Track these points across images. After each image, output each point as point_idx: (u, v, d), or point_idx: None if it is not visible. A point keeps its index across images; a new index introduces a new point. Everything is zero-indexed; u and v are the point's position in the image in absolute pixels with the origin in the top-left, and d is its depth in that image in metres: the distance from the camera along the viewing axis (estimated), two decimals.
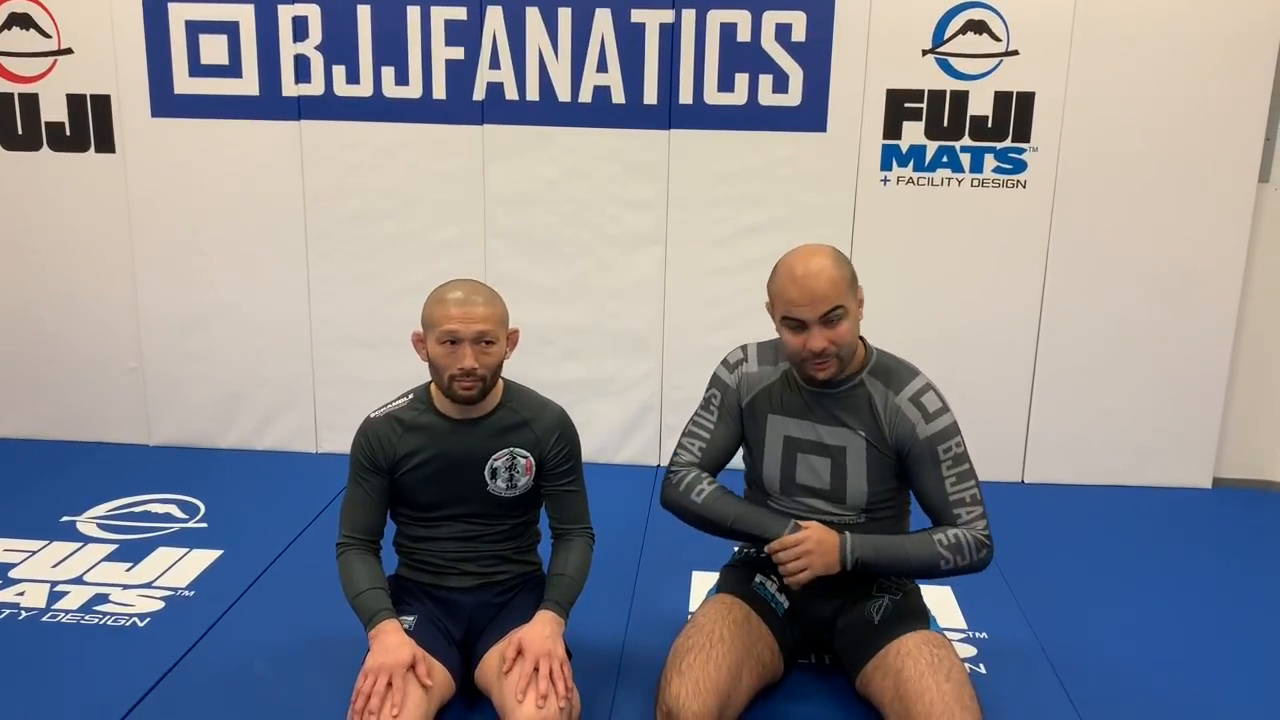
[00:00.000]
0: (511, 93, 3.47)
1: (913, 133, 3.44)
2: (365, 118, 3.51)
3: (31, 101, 3.60)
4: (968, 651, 2.46)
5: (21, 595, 2.65)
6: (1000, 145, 3.43)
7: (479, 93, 3.49)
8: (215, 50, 3.49)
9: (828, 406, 2.09)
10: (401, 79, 3.48)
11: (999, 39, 3.35)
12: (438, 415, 2.10)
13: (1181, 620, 2.69)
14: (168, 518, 3.19)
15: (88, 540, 3.00)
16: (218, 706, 2.19)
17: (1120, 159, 3.42)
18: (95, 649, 2.40)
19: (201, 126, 3.56)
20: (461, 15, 3.43)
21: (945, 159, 3.46)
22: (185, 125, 3.56)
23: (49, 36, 3.54)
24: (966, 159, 3.45)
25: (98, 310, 3.76)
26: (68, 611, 2.57)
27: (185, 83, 3.52)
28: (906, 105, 3.42)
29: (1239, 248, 3.48)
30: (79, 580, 2.75)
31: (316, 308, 3.71)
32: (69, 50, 3.55)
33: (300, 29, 3.46)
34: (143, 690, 2.21)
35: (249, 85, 3.51)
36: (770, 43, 3.38)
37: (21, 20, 3.53)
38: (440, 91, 3.49)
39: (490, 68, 3.46)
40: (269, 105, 3.52)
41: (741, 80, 3.41)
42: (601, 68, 3.43)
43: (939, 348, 3.19)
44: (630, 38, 3.40)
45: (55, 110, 3.60)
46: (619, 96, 3.45)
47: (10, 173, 3.66)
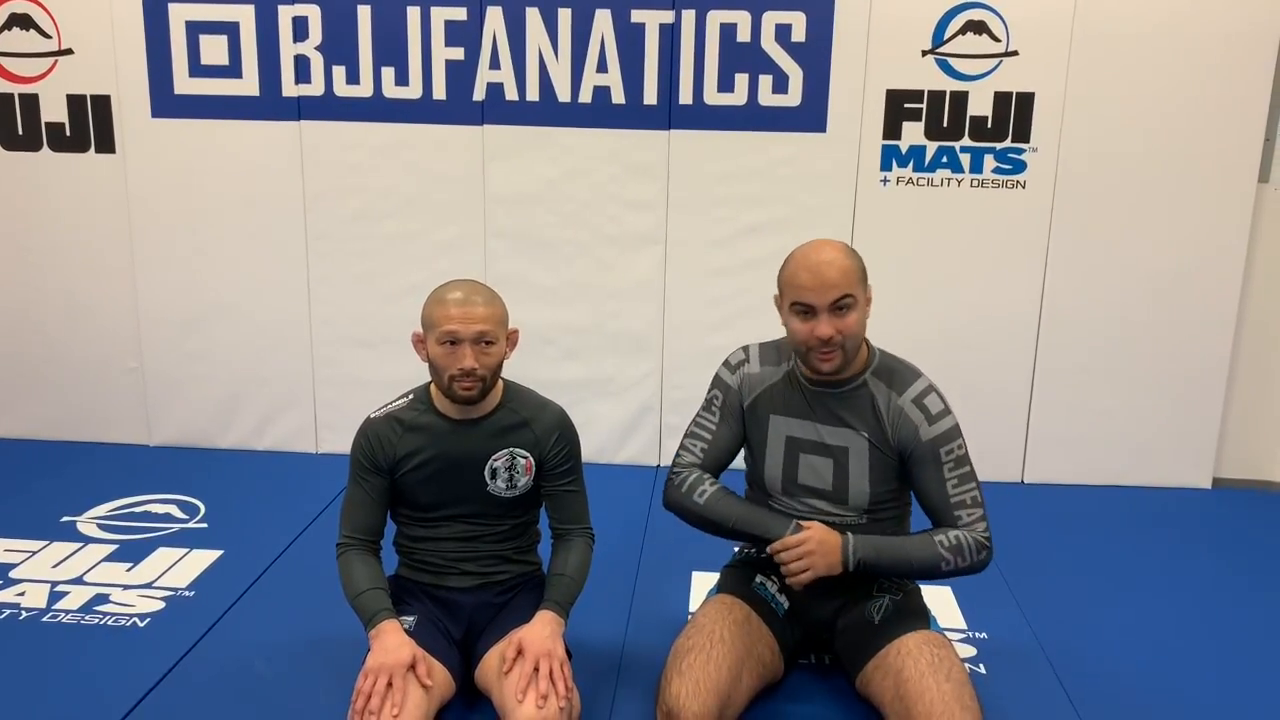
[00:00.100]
0: (511, 93, 3.48)
1: (912, 133, 3.45)
2: (365, 118, 3.52)
3: (32, 102, 3.60)
4: (968, 651, 2.46)
5: (22, 595, 2.65)
6: (1000, 146, 3.43)
7: (479, 93, 3.49)
8: (215, 51, 3.49)
9: (830, 407, 2.09)
10: (401, 79, 3.48)
11: (999, 39, 3.35)
12: (438, 415, 2.10)
13: (1181, 620, 2.69)
14: (168, 518, 3.19)
15: (88, 540, 3.01)
16: (218, 707, 2.19)
17: (1120, 159, 3.42)
18: (95, 649, 2.40)
19: (202, 127, 3.56)
20: (461, 16, 3.43)
21: (945, 159, 3.46)
22: (185, 126, 3.56)
23: (49, 37, 3.55)
24: (966, 159, 3.45)
25: (98, 310, 3.76)
26: (68, 612, 2.57)
27: (185, 83, 3.53)
28: (906, 105, 3.43)
29: (1239, 247, 3.48)
30: (79, 580, 2.75)
31: (316, 308, 3.71)
32: (69, 51, 3.55)
33: (300, 29, 3.46)
34: (143, 690, 2.22)
35: (249, 86, 3.51)
36: (770, 43, 3.38)
37: (22, 21, 3.53)
38: (440, 92, 3.49)
39: (490, 68, 3.46)
40: (269, 106, 3.52)
41: (741, 80, 3.42)
42: (601, 68, 3.44)
43: (939, 348, 3.18)
44: (630, 38, 3.41)
45: (55, 111, 3.60)
46: (619, 97, 3.45)
47: (10, 173, 3.66)
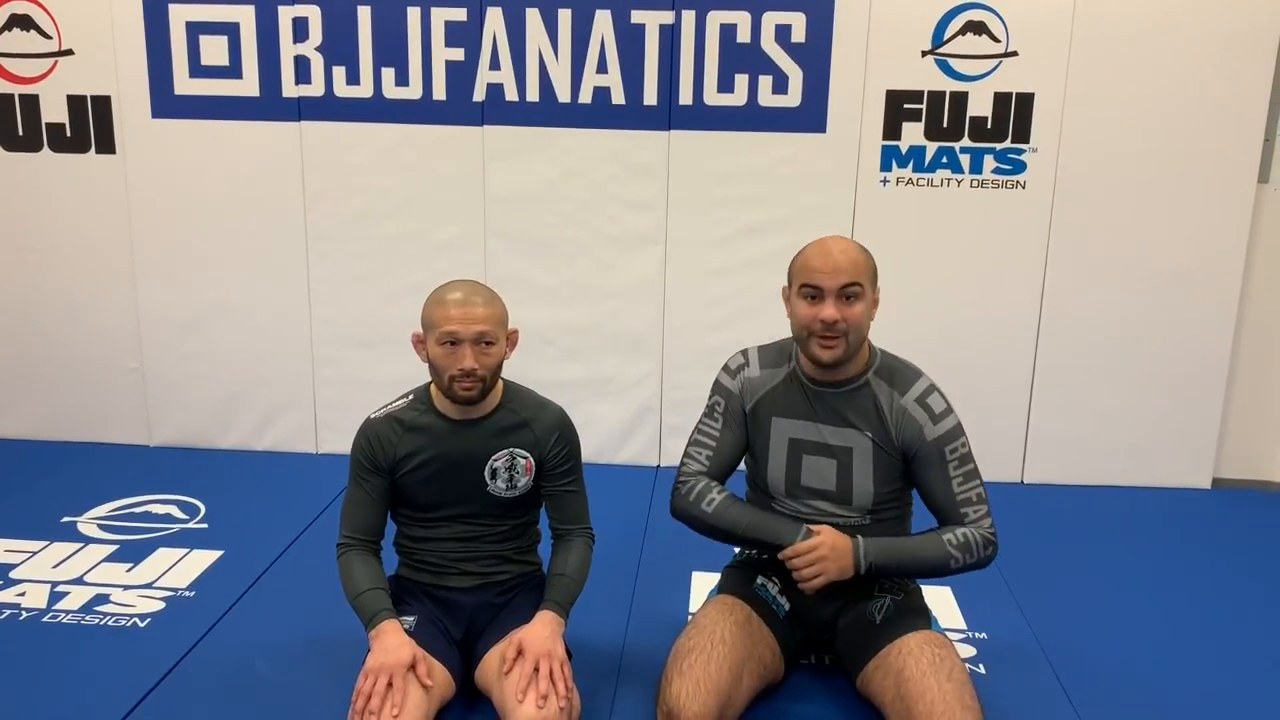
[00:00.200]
0: (511, 93, 3.48)
1: (912, 133, 3.45)
2: (365, 119, 3.52)
3: (32, 102, 3.60)
4: (968, 651, 2.46)
5: (22, 596, 2.65)
6: (1000, 146, 3.43)
7: (479, 94, 3.49)
8: (215, 51, 3.49)
9: (834, 407, 2.09)
10: (402, 80, 3.48)
11: (998, 40, 3.35)
12: (438, 416, 2.10)
13: (1181, 620, 2.69)
14: (168, 518, 3.19)
15: (88, 541, 3.01)
16: (218, 707, 2.19)
17: (1120, 159, 3.42)
18: (96, 649, 2.40)
19: (202, 127, 3.56)
20: (462, 16, 3.43)
21: (945, 160, 3.46)
22: (186, 126, 3.56)
23: (49, 38, 3.55)
24: (966, 160, 3.45)
25: (98, 311, 3.76)
26: (68, 612, 2.57)
27: (186, 84, 3.53)
28: (906, 106, 3.43)
29: (1238, 248, 3.48)
30: (79, 581, 2.75)
31: (316, 308, 3.71)
32: (69, 51, 3.55)
33: (300, 30, 3.46)
34: (143, 691, 2.22)
35: (249, 86, 3.51)
36: (770, 44, 3.38)
37: (22, 21, 3.53)
38: (440, 92, 3.49)
39: (490, 69, 3.46)
40: (269, 106, 3.53)
41: (741, 81, 3.42)
42: (601, 69, 3.44)
43: (939, 348, 3.17)
44: (630, 39, 3.41)
45: (56, 111, 3.60)
46: (619, 97, 3.45)
47: (11, 174, 3.66)
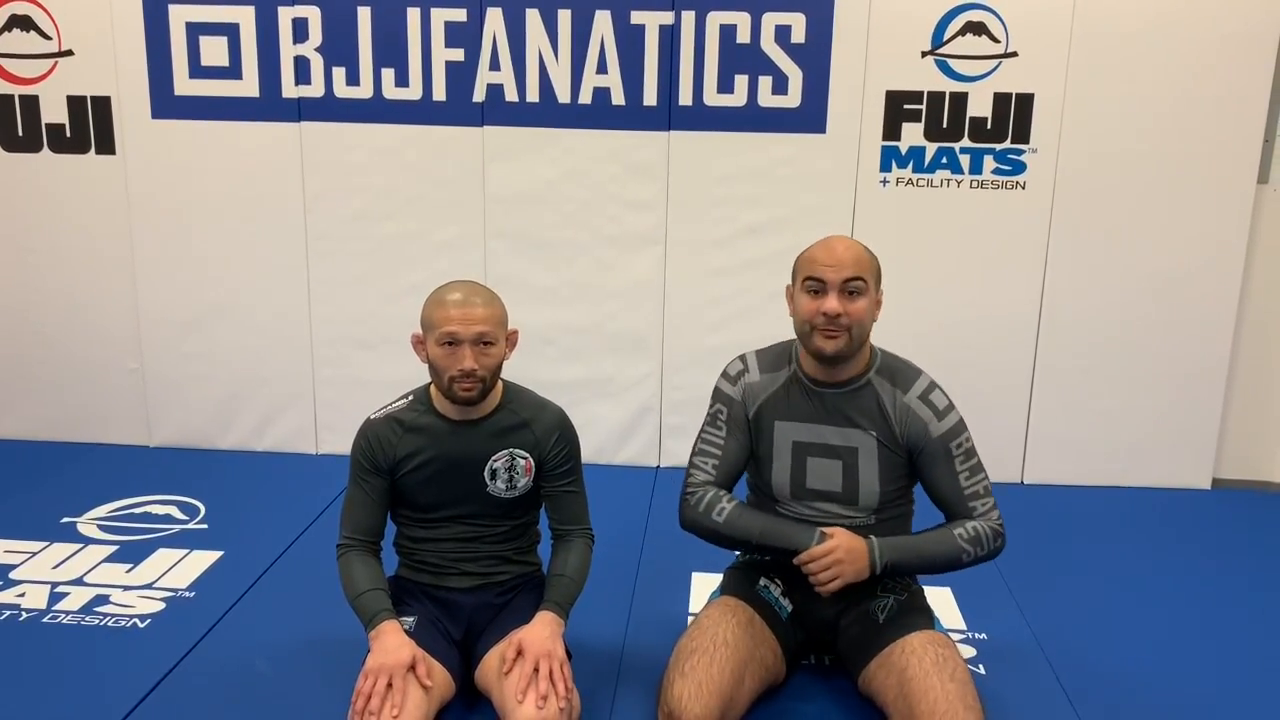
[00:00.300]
0: (511, 94, 3.48)
1: (912, 134, 3.45)
2: (365, 119, 3.52)
3: (32, 103, 3.60)
4: (968, 652, 2.46)
5: (22, 596, 2.65)
6: (999, 147, 3.44)
7: (479, 94, 3.49)
8: (215, 52, 3.49)
9: (838, 407, 2.09)
10: (401, 81, 3.48)
11: (998, 40, 3.36)
12: (437, 416, 2.10)
13: (1180, 621, 2.69)
14: (168, 519, 3.19)
15: (88, 541, 3.01)
16: (218, 707, 2.19)
17: (1119, 160, 3.42)
18: (96, 650, 2.40)
19: (202, 128, 3.56)
20: (461, 17, 3.43)
21: (944, 160, 3.46)
22: (185, 127, 3.56)
23: (49, 38, 3.55)
24: (966, 160, 3.45)
25: (98, 311, 3.76)
26: (68, 613, 2.57)
27: (185, 84, 3.53)
28: (906, 107, 3.43)
29: (1238, 248, 3.48)
30: (79, 581, 2.75)
31: (316, 308, 3.71)
32: (69, 52, 3.55)
33: (300, 31, 3.46)
34: (143, 691, 2.22)
35: (249, 87, 3.51)
36: (770, 44, 3.39)
37: (22, 22, 3.53)
38: (440, 93, 3.49)
39: (490, 69, 3.46)
40: (269, 107, 3.53)
41: (741, 81, 3.42)
42: (601, 69, 3.44)
43: (939, 349, 3.17)
44: (630, 39, 3.41)
45: (56, 112, 3.60)
46: (619, 98, 3.45)
47: (11, 174, 3.66)
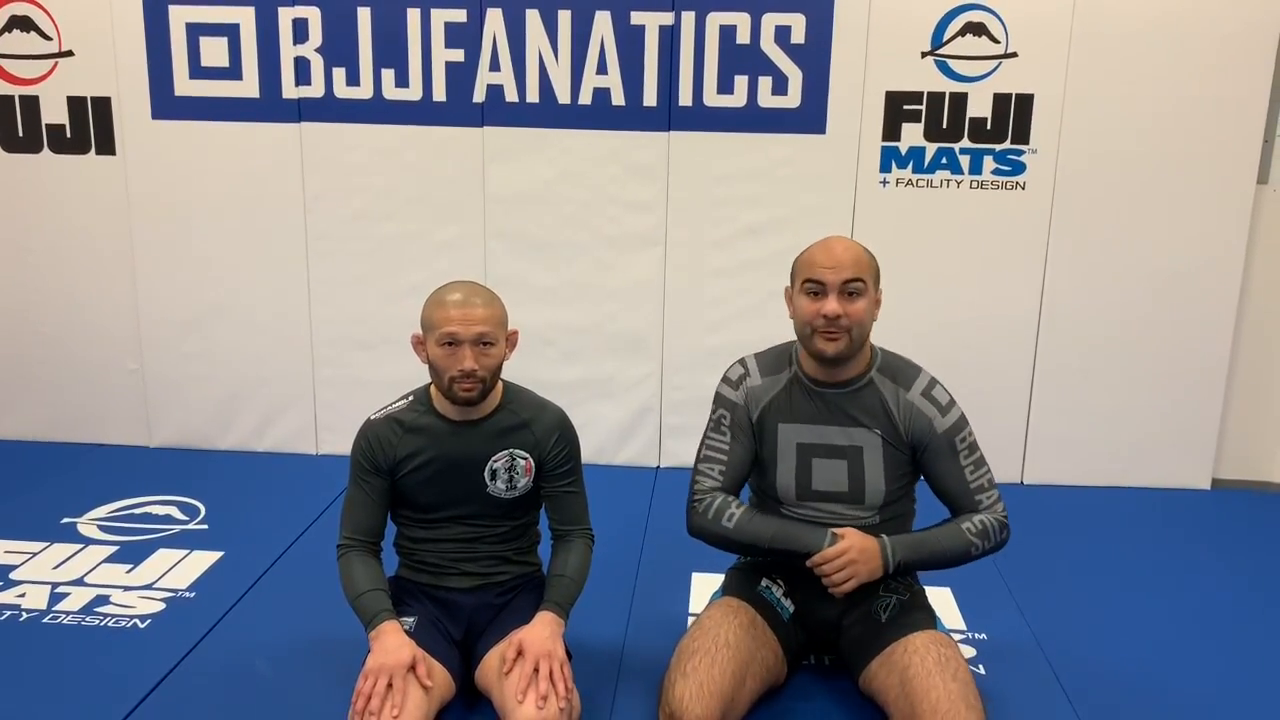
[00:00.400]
0: (511, 95, 3.48)
1: (912, 134, 3.45)
2: (365, 120, 3.52)
3: (32, 104, 3.60)
4: (968, 652, 2.46)
5: (22, 597, 2.65)
6: (999, 147, 3.44)
7: (479, 95, 3.49)
8: (216, 53, 3.49)
9: (841, 407, 2.09)
10: (402, 81, 3.49)
11: (998, 41, 3.36)
12: (438, 417, 2.10)
13: (1180, 621, 2.69)
14: (168, 519, 3.19)
15: (88, 542, 3.01)
16: (218, 708, 2.19)
17: (1119, 160, 3.42)
18: (96, 650, 2.40)
19: (202, 129, 3.56)
20: (461, 17, 3.43)
21: (944, 161, 3.46)
22: (186, 127, 3.56)
23: (49, 39, 3.55)
24: (966, 161, 3.46)
25: (98, 311, 3.76)
26: (69, 613, 2.58)
27: (186, 85, 3.53)
28: (905, 107, 3.43)
29: (1238, 248, 3.48)
30: (80, 582, 2.75)
31: (316, 308, 3.71)
32: (69, 53, 3.55)
33: (300, 31, 3.46)
34: (143, 691, 2.22)
35: (249, 87, 3.52)
36: (770, 45, 3.39)
37: (22, 23, 3.54)
38: (440, 94, 3.49)
39: (490, 70, 3.46)
40: (269, 107, 3.53)
41: (741, 82, 3.42)
42: (601, 70, 3.44)
43: (939, 349, 3.17)
44: (630, 40, 3.41)
45: (56, 112, 3.60)
46: (619, 98, 3.45)
47: (11, 175, 3.66)
